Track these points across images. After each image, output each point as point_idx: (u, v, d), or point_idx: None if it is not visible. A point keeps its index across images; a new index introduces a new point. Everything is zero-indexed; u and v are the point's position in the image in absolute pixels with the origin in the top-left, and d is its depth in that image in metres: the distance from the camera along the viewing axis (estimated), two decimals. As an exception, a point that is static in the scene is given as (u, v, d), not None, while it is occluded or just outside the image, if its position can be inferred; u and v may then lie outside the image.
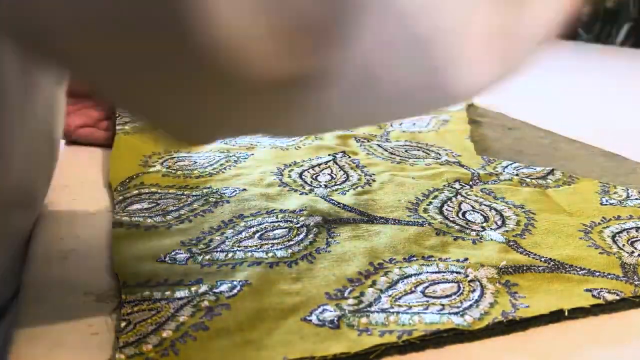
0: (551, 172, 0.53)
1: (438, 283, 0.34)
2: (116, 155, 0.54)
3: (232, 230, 0.40)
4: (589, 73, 1.20)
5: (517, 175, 0.52)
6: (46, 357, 0.27)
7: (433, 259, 0.36)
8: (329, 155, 0.56)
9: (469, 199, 0.46)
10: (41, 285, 0.33)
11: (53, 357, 0.27)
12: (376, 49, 0.21)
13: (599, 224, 0.42)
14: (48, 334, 0.29)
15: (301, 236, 0.39)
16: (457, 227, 0.41)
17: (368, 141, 0.61)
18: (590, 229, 0.41)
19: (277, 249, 0.37)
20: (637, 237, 0.40)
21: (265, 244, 0.38)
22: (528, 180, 0.51)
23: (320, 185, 0.49)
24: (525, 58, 0.29)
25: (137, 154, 0.54)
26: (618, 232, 0.41)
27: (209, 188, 0.48)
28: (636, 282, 0.34)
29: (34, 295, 0.33)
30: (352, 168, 0.53)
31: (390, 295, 0.32)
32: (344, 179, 0.50)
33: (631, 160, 0.57)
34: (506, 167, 0.54)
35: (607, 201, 0.46)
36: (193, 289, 0.33)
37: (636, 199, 0.47)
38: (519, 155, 0.59)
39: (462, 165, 0.54)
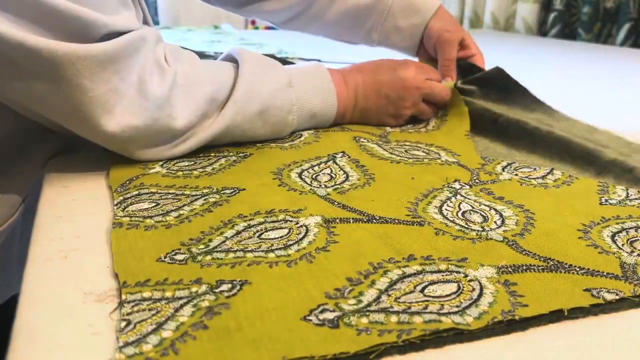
0: (550, 172, 0.53)
1: (437, 283, 0.34)
2: (117, 157, 0.54)
3: (232, 230, 0.40)
4: (589, 73, 1.20)
5: (516, 175, 0.52)
6: (46, 357, 0.27)
7: (432, 258, 0.37)
8: (328, 155, 0.56)
9: (469, 199, 0.46)
10: (41, 285, 0.33)
11: (53, 357, 0.27)
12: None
13: (599, 223, 0.42)
14: (48, 334, 0.29)
15: (301, 236, 0.39)
16: (456, 227, 0.41)
17: (368, 141, 0.61)
18: (589, 229, 0.41)
19: (277, 249, 0.37)
20: (636, 236, 0.40)
21: (265, 243, 0.38)
22: (527, 180, 0.51)
23: (320, 185, 0.49)
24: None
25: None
26: (617, 232, 0.41)
27: (209, 188, 0.48)
28: (635, 282, 0.34)
29: (34, 295, 0.33)
30: (351, 168, 0.53)
31: (389, 295, 0.32)
32: (344, 179, 0.50)
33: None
34: (505, 167, 0.54)
35: (606, 201, 0.46)
36: (193, 289, 0.33)
37: (636, 198, 0.47)
38: (518, 153, 0.59)
39: (462, 165, 0.54)
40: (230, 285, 0.33)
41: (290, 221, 0.42)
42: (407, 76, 0.65)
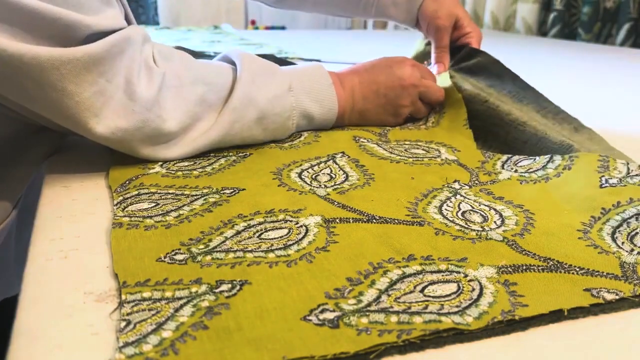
0: (550, 159, 0.52)
1: (437, 283, 0.34)
2: (117, 157, 0.54)
3: (231, 230, 0.40)
4: (589, 73, 1.20)
5: (516, 171, 0.52)
6: (46, 357, 0.27)
7: (432, 258, 0.37)
8: (328, 155, 0.56)
9: (468, 199, 0.46)
10: (41, 285, 0.33)
11: (53, 357, 0.27)
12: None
13: (599, 218, 0.42)
14: (48, 334, 0.29)
15: (301, 236, 0.39)
16: (456, 227, 0.41)
17: (368, 141, 0.61)
18: (589, 228, 0.41)
19: (276, 249, 0.37)
20: (636, 228, 0.40)
21: (265, 244, 0.38)
22: (527, 175, 0.51)
23: (320, 185, 0.49)
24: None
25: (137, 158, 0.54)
26: (618, 226, 0.41)
27: (208, 188, 0.48)
28: (635, 281, 0.34)
29: (34, 295, 0.33)
30: (351, 168, 0.53)
31: (389, 295, 0.32)
32: (344, 179, 0.50)
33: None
34: (505, 161, 0.54)
35: (606, 181, 0.46)
36: (193, 289, 0.33)
37: (636, 175, 0.46)
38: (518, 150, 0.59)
39: (462, 165, 0.54)
40: (230, 285, 0.33)
41: (290, 221, 0.42)
42: (403, 74, 0.65)
